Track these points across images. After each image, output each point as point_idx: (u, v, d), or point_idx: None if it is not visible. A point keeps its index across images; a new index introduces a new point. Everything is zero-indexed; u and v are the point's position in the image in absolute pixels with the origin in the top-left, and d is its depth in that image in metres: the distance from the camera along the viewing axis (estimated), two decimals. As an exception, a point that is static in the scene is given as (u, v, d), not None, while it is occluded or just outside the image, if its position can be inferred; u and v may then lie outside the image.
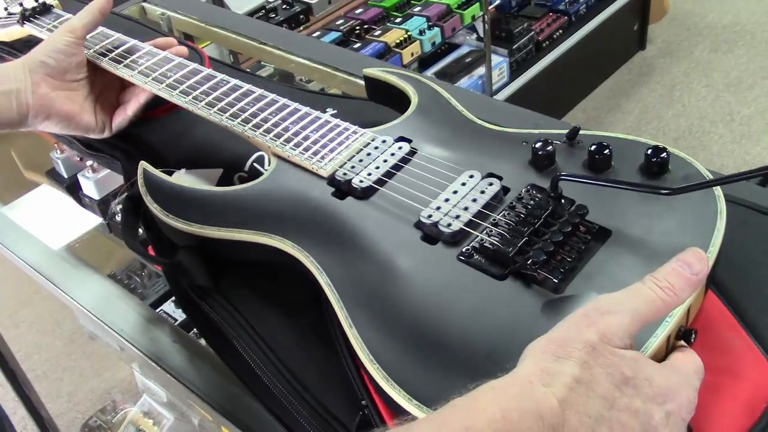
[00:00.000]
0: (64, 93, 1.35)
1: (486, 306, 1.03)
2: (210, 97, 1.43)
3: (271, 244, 1.19)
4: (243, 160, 1.47)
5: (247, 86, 1.45)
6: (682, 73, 4.86)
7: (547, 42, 4.49)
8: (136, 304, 1.44)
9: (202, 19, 2.13)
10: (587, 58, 4.70)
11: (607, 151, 1.18)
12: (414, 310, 1.05)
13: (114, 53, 1.48)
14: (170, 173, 1.34)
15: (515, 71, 4.36)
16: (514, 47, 4.28)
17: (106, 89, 1.48)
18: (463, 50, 4.33)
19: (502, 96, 4.24)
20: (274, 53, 2.02)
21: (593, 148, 1.18)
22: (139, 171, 1.34)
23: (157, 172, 1.34)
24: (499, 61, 4.24)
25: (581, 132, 1.25)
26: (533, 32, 4.41)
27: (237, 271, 1.29)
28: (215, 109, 1.41)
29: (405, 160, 1.27)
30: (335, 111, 1.60)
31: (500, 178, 1.20)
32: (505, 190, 1.18)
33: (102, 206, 1.96)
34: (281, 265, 1.20)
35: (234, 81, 1.46)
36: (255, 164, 1.43)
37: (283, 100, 1.41)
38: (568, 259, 1.05)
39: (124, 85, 1.52)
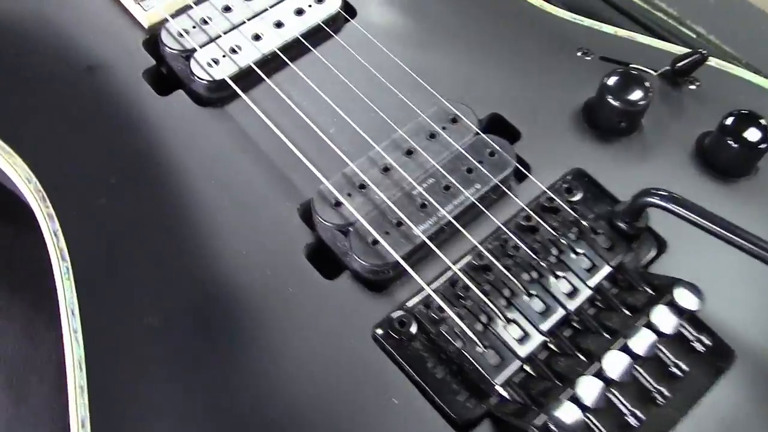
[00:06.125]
0: None
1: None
2: None
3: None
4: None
5: None
6: None
7: None
8: None
9: None
10: None
11: (757, 134, 0.52)
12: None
13: None
14: None
15: None
16: None
17: None
18: None
19: None
20: None
21: (731, 122, 0.52)
22: None
23: None
24: None
25: (709, 62, 0.58)
26: None
27: None
28: None
29: (319, 36, 0.58)
30: None
31: (513, 137, 0.54)
32: (519, 174, 0.52)
33: None
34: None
35: None
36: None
37: None
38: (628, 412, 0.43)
39: None
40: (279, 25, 0.57)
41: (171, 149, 0.52)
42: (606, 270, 0.48)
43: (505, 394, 0.44)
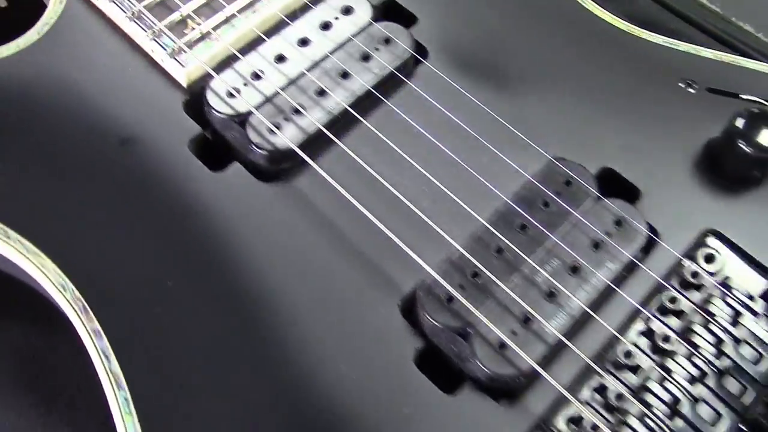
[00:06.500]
0: None
1: None
2: None
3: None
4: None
5: None
6: None
7: None
8: None
9: None
10: None
11: None
12: None
13: None
14: None
15: None
16: None
17: None
18: None
19: None
20: None
21: None
22: None
23: None
24: None
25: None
26: None
27: None
28: None
29: (390, 83, 0.49)
30: None
31: (632, 195, 0.46)
32: (652, 239, 0.45)
33: None
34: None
35: None
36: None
37: None
38: None
39: None
40: (345, 75, 0.48)
41: (234, 238, 0.44)
42: (775, 360, 0.41)
43: None
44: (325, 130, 0.46)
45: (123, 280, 0.43)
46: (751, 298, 0.42)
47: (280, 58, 0.48)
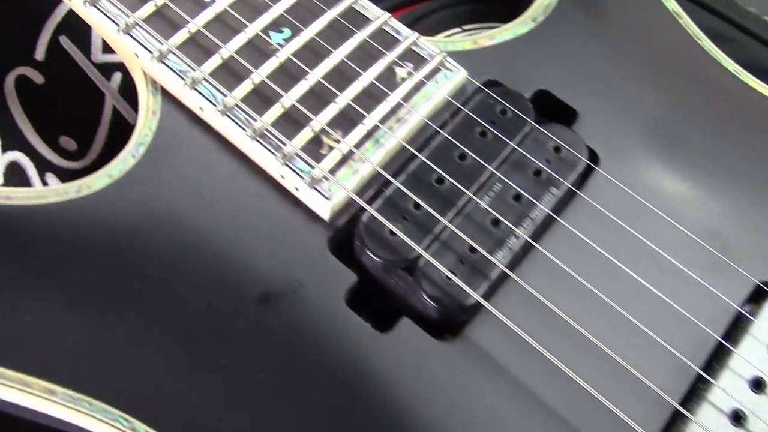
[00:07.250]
0: None
1: None
2: None
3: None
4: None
5: None
6: None
7: None
8: None
9: None
10: None
11: None
12: None
13: None
14: None
15: None
16: None
17: None
18: None
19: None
20: None
21: None
22: None
23: None
24: None
25: None
26: None
27: None
28: None
29: (564, 202, 0.42)
30: None
31: None
32: None
33: None
34: None
35: None
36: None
37: None
38: None
39: None
40: (517, 197, 0.41)
41: (416, 415, 0.36)
42: None
43: None
44: (511, 274, 0.39)
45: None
46: None
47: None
